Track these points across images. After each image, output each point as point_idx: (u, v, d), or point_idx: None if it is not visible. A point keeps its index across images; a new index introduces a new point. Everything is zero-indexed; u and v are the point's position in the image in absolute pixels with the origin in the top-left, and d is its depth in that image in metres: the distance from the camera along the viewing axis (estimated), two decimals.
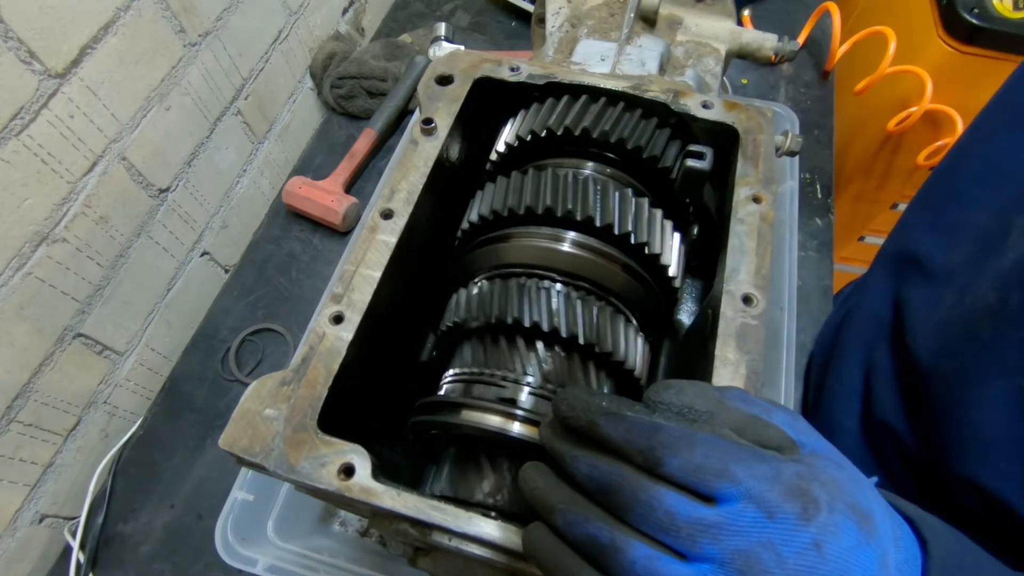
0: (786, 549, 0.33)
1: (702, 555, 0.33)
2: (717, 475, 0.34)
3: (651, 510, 0.34)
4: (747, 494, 0.34)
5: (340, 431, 0.47)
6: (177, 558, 0.93)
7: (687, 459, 0.34)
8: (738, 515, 0.34)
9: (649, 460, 0.35)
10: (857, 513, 0.35)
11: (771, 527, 0.33)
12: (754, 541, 0.33)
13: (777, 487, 0.34)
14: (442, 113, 0.63)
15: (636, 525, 0.35)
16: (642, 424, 0.36)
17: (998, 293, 0.61)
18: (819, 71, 1.39)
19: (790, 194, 0.97)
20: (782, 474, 0.35)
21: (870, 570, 0.34)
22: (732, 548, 0.33)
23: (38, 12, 0.75)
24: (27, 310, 0.82)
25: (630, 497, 0.35)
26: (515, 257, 0.59)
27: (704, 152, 0.59)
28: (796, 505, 0.34)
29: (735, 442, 0.36)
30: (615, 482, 0.35)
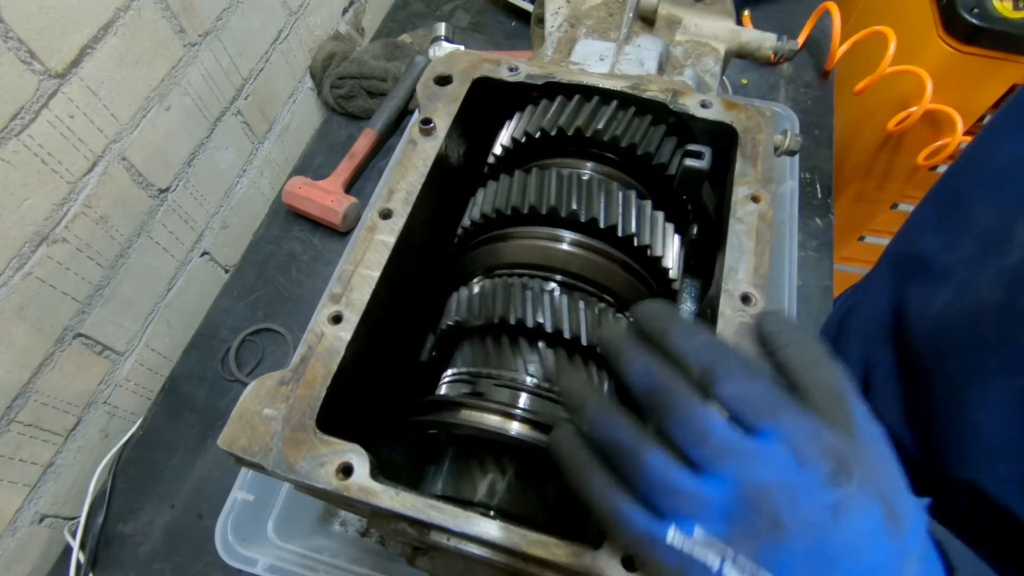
0: (803, 499, 0.33)
1: (719, 474, 0.34)
2: (764, 412, 0.34)
3: (691, 419, 0.35)
4: (786, 438, 0.34)
5: (339, 431, 0.47)
6: (177, 558, 0.93)
7: (743, 388, 0.35)
8: (769, 451, 0.34)
9: (706, 377, 0.35)
10: (887, 506, 0.34)
11: (797, 474, 0.33)
12: (775, 479, 0.33)
13: (816, 444, 0.34)
14: (441, 113, 0.63)
15: (670, 431, 0.35)
16: (714, 344, 0.37)
17: (1005, 291, 0.60)
18: (819, 71, 1.38)
19: (790, 194, 0.96)
20: (827, 438, 0.35)
21: (886, 563, 0.34)
22: (751, 477, 0.33)
23: (38, 12, 0.75)
24: (27, 310, 0.82)
25: (675, 403, 0.35)
26: (514, 257, 0.59)
27: (703, 151, 0.59)
28: (829, 465, 0.34)
29: (794, 399, 0.36)
30: (667, 387, 0.36)
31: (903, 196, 1.69)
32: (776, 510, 0.33)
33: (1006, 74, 1.35)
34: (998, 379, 0.59)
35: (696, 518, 0.34)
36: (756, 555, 0.33)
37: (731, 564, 0.33)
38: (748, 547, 0.33)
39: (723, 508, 0.34)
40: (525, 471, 0.53)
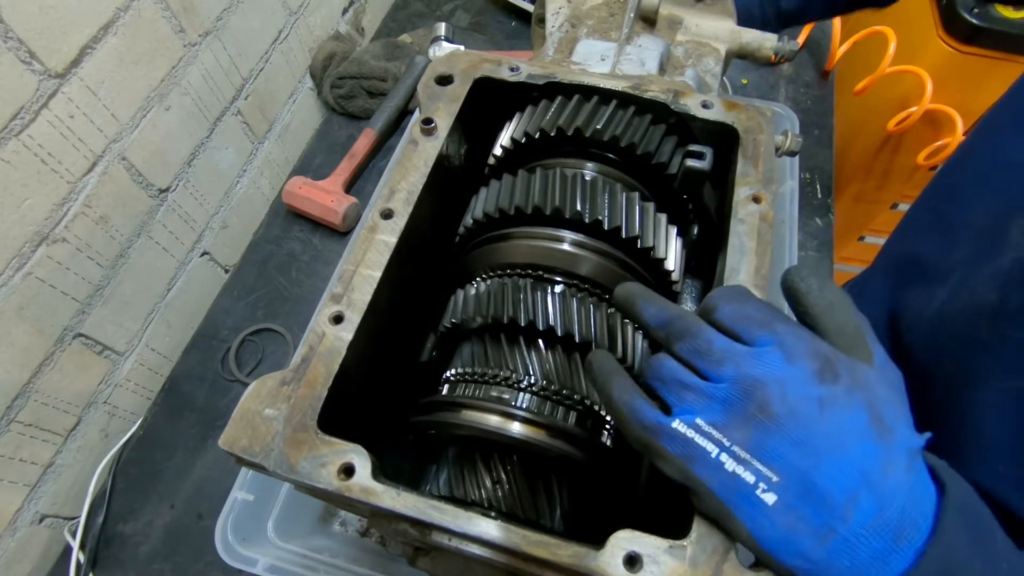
0: (792, 390, 0.37)
1: (721, 375, 0.38)
2: (760, 325, 0.39)
3: (695, 337, 0.40)
4: (779, 342, 0.38)
5: (340, 431, 0.47)
6: (177, 558, 0.93)
7: (738, 308, 0.41)
8: (763, 352, 0.38)
9: (707, 307, 0.42)
10: (874, 413, 0.37)
11: (787, 369, 0.37)
12: (768, 373, 0.37)
13: (807, 346, 0.38)
14: (442, 113, 0.63)
15: (679, 350, 0.40)
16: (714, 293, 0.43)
17: (999, 292, 0.61)
18: (819, 71, 1.38)
19: (790, 194, 0.96)
20: (820, 345, 0.39)
21: (868, 462, 0.36)
22: (746, 373, 0.38)
23: (38, 12, 0.75)
24: (27, 310, 0.82)
25: (683, 328, 0.41)
26: (515, 257, 0.59)
27: (704, 152, 0.59)
28: (816, 363, 0.38)
29: (788, 317, 0.41)
30: (676, 317, 0.42)
31: (903, 196, 1.69)
32: (766, 398, 0.37)
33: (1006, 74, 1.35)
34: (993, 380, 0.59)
35: (698, 410, 0.38)
36: (748, 443, 0.37)
37: (726, 453, 0.37)
38: (741, 435, 0.37)
39: (721, 400, 0.38)
40: (526, 471, 0.53)
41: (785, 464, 0.36)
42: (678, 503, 0.43)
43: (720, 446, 0.37)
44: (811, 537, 0.36)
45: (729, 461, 0.37)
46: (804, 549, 0.36)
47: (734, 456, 0.37)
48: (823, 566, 0.36)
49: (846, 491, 0.36)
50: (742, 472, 0.37)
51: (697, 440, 0.38)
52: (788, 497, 0.36)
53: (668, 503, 0.48)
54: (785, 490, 0.36)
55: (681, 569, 0.40)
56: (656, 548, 0.41)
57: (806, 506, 0.36)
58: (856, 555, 0.35)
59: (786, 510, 0.36)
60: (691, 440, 0.38)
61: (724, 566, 0.40)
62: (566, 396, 0.54)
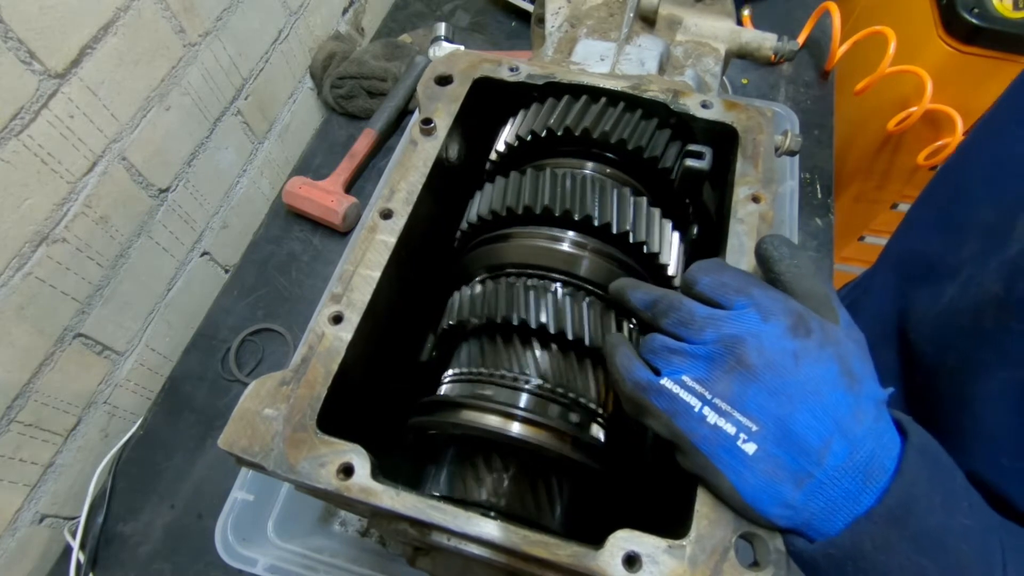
0: (768, 343, 0.40)
1: (703, 339, 0.42)
2: (737, 291, 0.43)
3: (677, 310, 0.44)
4: (755, 303, 0.42)
5: (339, 431, 0.47)
6: (177, 558, 0.93)
7: (716, 278, 0.45)
8: (740, 314, 0.42)
9: (687, 281, 0.46)
10: (844, 366, 0.40)
11: (763, 326, 0.41)
12: (744, 330, 0.41)
13: (781, 305, 0.42)
14: (441, 113, 0.63)
15: (666, 325, 0.45)
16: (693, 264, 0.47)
17: (1004, 283, 0.60)
18: (819, 71, 1.38)
19: (790, 194, 0.96)
20: (793, 304, 0.42)
21: (840, 410, 0.39)
22: (726, 333, 0.42)
23: (38, 12, 0.75)
24: (27, 310, 0.82)
25: (666, 304, 0.45)
26: (515, 257, 0.59)
27: (703, 152, 0.59)
28: (790, 319, 0.41)
29: (763, 282, 0.45)
30: (660, 296, 0.47)
31: (903, 196, 1.69)
32: (744, 352, 0.40)
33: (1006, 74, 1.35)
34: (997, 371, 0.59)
35: (683, 370, 0.42)
36: (728, 394, 0.40)
37: (708, 406, 0.41)
38: (722, 387, 0.40)
39: (704, 359, 0.42)
40: (525, 471, 0.53)
41: (764, 413, 0.39)
42: (678, 503, 0.43)
43: (703, 399, 0.41)
44: (789, 482, 0.39)
45: (711, 414, 0.40)
46: (783, 495, 0.39)
47: (716, 408, 0.40)
48: (800, 509, 0.39)
49: (821, 436, 0.39)
50: (723, 424, 0.40)
51: (682, 395, 0.41)
52: (767, 445, 0.39)
53: (668, 503, 0.48)
54: (764, 439, 0.39)
55: (680, 569, 0.40)
56: (655, 548, 0.41)
57: (784, 452, 0.39)
58: (830, 496, 0.38)
59: (766, 458, 0.39)
60: (676, 395, 0.41)
61: (723, 565, 0.40)
62: (566, 396, 0.54)
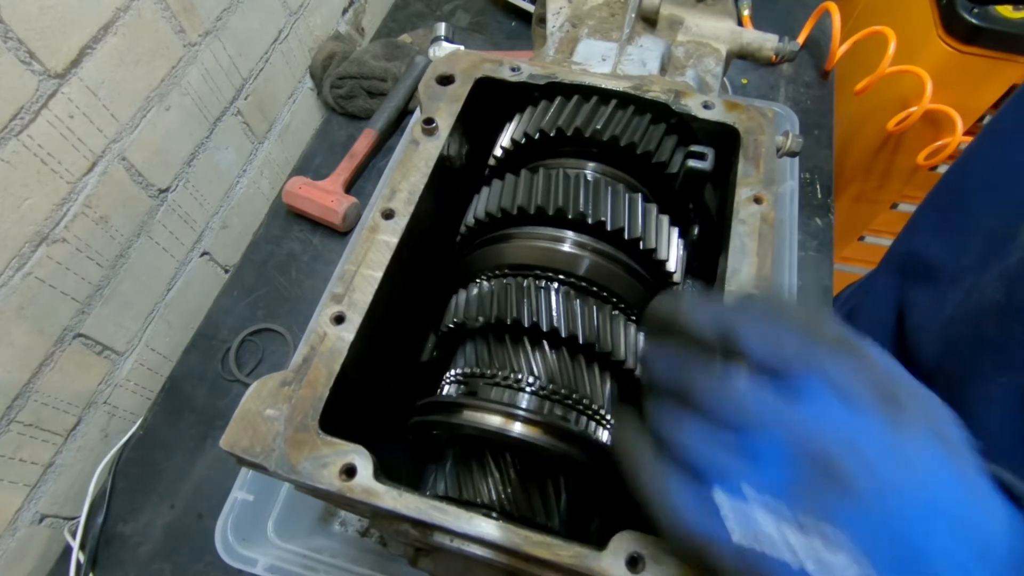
0: (869, 447, 0.29)
1: (766, 434, 0.30)
2: (796, 357, 0.31)
3: (718, 390, 0.31)
4: (829, 382, 0.30)
5: (341, 431, 0.47)
6: (177, 558, 0.93)
7: (765, 337, 0.32)
8: (816, 402, 0.30)
9: (727, 339, 0.32)
10: (940, 435, 0.31)
11: (850, 418, 0.30)
12: (832, 434, 0.29)
13: (863, 380, 0.31)
14: (443, 113, 0.63)
15: (704, 408, 0.31)
16: (725, 307, 0.34)
17: (1005, 290, 0.60)
18: (819, 71, 1.38)
19: (790, 194, 0.96)
20: (872, 372, 0.31)
21: (951, 490, 0.30)
22: (805, 436, 0.30)
23: (38, 12, 0.74)
24: (27, 310, 0.82)
25: (699, 378, 0.32)
26: (516, 257, 0.59)
27: (705, 152, 0.59)
28: (882, 405, 0.30)
29: (822, 336, 0.32)
30: (690, 365, 0.32)
31: (903, 196, 1.69)
32: (841, 466, 0.29)
33: (1006, 74, 1.35)
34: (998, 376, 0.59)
35: (748, 480, 0.30)
36: (823, 513, 0.29)
37: (795, 530, 0.29)
38: (813, 506, 0.29)
39: (777, 467, 0.30)
40: (528, 472, 0.53)
41: (878, 549, 0.29)
42: None
43: (798, 554, 0.29)
44: None
45: (797, 537, 0.29)
46: None
47: (804, 529, 0.29)
48: None
49: (956, 563, 0.29)
50: (829, 556, 0.29)
51: (768, 550, 0.29)
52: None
53: None
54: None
55: (683, 569, 0.40)
56: (658, 548, 0.40)
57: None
58: None
59: None
60: (758, 553, 0.29)
61: None
62: (567, 396, 0.54)
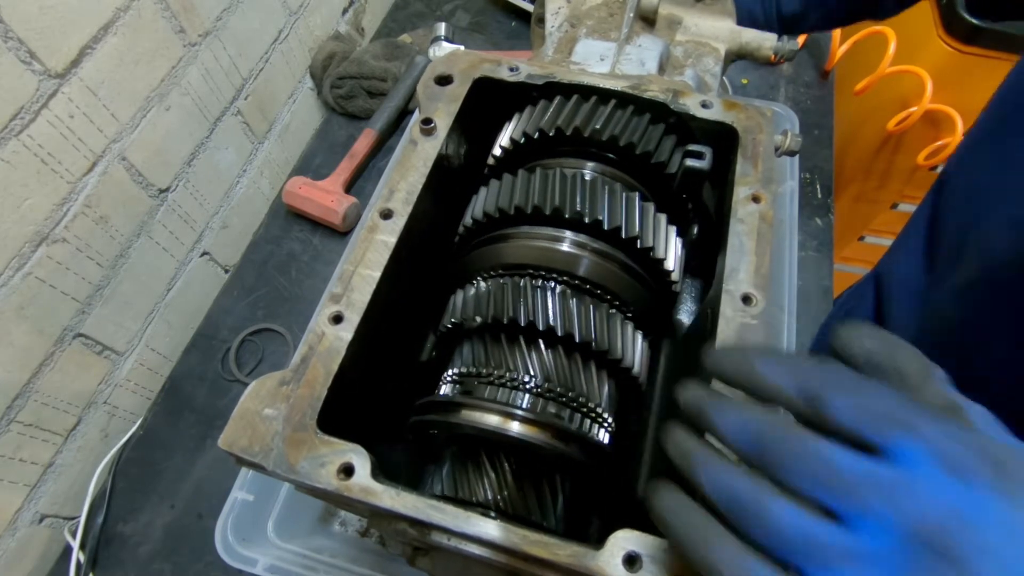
0: (979, 522, 0.26)
1: (867, 515, 0.27)
2: (893, 423, 0.28)
3: (807, 459, 0.28)
4: (932, 451, 0.27)
5: (340, 431, 0.47)
6: (177, 558, 0.93)
7: (859, 403, 0.29)
8: (918, 472, 0.27)
9: (813, 403, 0.29)
10: None
11: (961, 493, 0.27)
12: (938, 506, 0.27)
13: (971, 448, 0.28)
14: (441, 113, 0.63)
15: (789, 481, 0.29)
16: (805, 365, 0.31)
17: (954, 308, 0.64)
18: (819, 71, 1.38)
19: (790, 194, 0.96)
20: (977, 439, 0.28)
21: None
22: (908, 509, 0.27)
23: (38, 12, 0.75)
24: (27, 310, 0.82)
25: (783, 446, 0.29)
26: (515, 257, 0.59)
27: (703, 152, 0.59)
28: (992, 475, 0.27)
29: (922, 398, 0.30)
30: (767, 429, 0.30)
31: (903, 196, 1.69)
32: (953, 545, 0.26)
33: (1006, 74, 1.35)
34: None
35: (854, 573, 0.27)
36: None
37: None
38: None
39: (885, 556, 0.27)
40: (525, 471, 0.53)
41: None
42: None
43: None
44: None
45: None
46: None
47: None
48: None
49: None
50: None
51: None
52: None
53: None
54: None
55: (680, 568, 0.40)
56: (656, 547, 0.41)
57: None
58: None
59: None
60: None
61: None
62: (565, 396, 0.54)
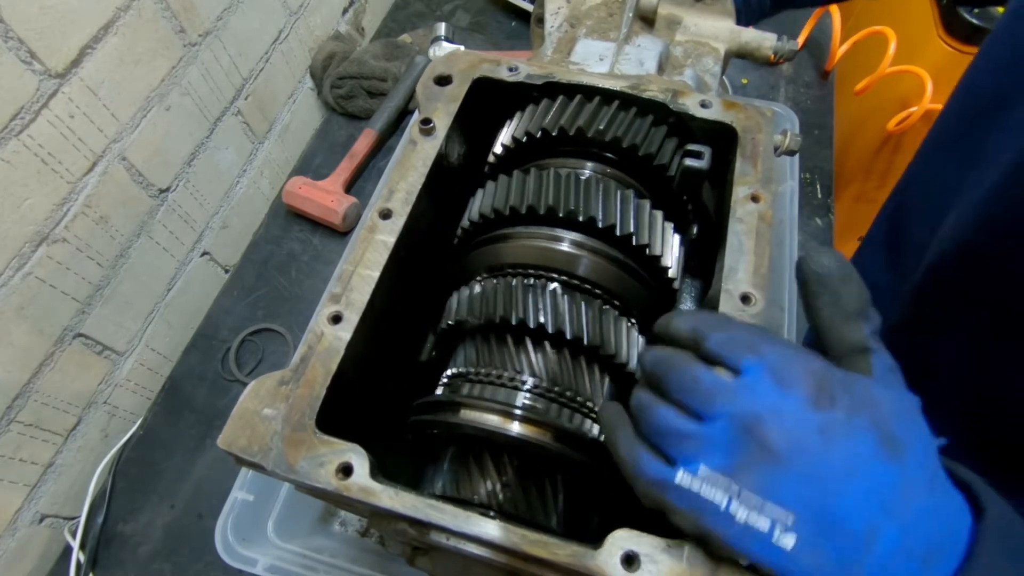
0: (790, 422, 0.35)
1: (716, 414, 0.37)
2: (745, 348, 0.38)
3: (681, 375, 0.39)
4: (767, 366, 0.37)
5: (339, 431, 0.47)
6: (177, 558, 0.94)
7: (724, 335, 0.39)
8: (753, 381, 0.36)
9: (695, 338, 0.40)
10: (883, 432, 0.35)
11: (780, 398, 0.36)
12: (763, 406, 0.36)
13: (798, 367, 0.37)
14: (441, 113, 0.63)
15: (670, 391, 0.39)
16: (702, 313, 0.43)
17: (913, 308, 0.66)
18: (819, 71, 1.38)
19: (790, 194, 0.96)
20: (811, 364, 0.37)
21: (884, 488, 0.34)
22: (742, 409, 0.36)
23: (38, 12, 0.75)
24: (27, 310, 0.82)
25: (669, 367, 0.40)
26: (514, 257, 0.59)
27: (702, 151, 0.59)
28: (810, 386, 0.36)
29: (776, 336, 0.40)
30: (664, 358, 0.40)
31: None
32: (766, 434, 0.35)
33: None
34: None
35: (699, 457, 0.36)
36: (757, 485, 0.35)
37: (736, 500, 0.35)
38: (749, 479, 0.35)
39: (721, 443, 0.36)
40: (525, 471, 0.53)
41: (798, 502, 0.34)
42: None
43: (728, 494, 0.35)
44: (837, 573, 0.34)
45: (740, 510, 0.35)
46: None
47: (745, 502, 0.35)
48: None
49: (865, 521, 0.34)
50: (755, 520, 0.35)
51: (704, 492, 0.36)
52: (807, 536, 0.34)
53: None
54: (803, 529, 0.34)
55: (679, 568, 0.40)
56: (654, 547, 0.41)
57: (827, 542, 0.34)
58: None
59: (807, 550, 0.34)
60: (697, 494, 0.36)
61: (721, 565, 0.40)
62: (565, 395, 0.54)
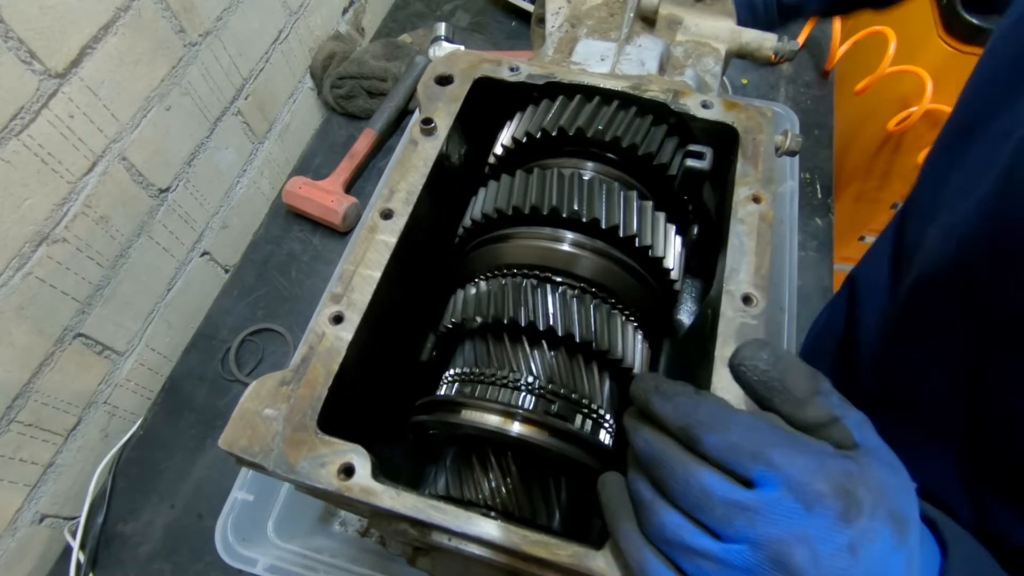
0: (822, 547, 0.33)
1: (736, 536, 0.34)
2: (753, 457, 0.34)
3: (687, 486, 0.35)
4: (786, 482, 0.34)
5: (340, 431, 0.47)
6: (177, 558, 0.93)
7: (723, 438, 0.35)
8: (775, 502, 0.33)
9: (688, 437, 0.36)
10: (896, 519, 0.35)
11: (808, 521, 0.33)
12: (790, 532, 0.33)
13: (821, 481, 0.34)
14: (441, 113, 0.63)
15: (673, 496, 0.35)
16: (684, 403, 0.37)
17: (903, 307, 0.66)
18: (819, 71, 1.38)
19: (790, 194, 0.97)
20: (828, 469, 0.34)
21: (898, 571, 0.34)
22: (766, 534, 0.33)
23: (38, 12, 0.75)
24: (27, 310, 0.82)
25: (669, 471, 0.36)
26: (515, 257, 0.59)
27: (704, 152, 0.59)
28: (839, 504, 0.34)
29: (778, 428, 0.36)
30: (658, 456, 0.37)
31: (903, 196, 1.69)
32: (797, 566, 0.33)
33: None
34: None
35: None
36: None
37: None
38: None
39: (742, 569, 0.34)
40: (526, 471, 0.53)
41: None
42: None
43: None
44: None
45: None
46: None
47: None
48: None
49: None
50: None
51: None
52: None
53: None
54: None
55: None
56: None
57: None
58: None
59: None
60: None
61: None
62: (566, 396, 0.54)
